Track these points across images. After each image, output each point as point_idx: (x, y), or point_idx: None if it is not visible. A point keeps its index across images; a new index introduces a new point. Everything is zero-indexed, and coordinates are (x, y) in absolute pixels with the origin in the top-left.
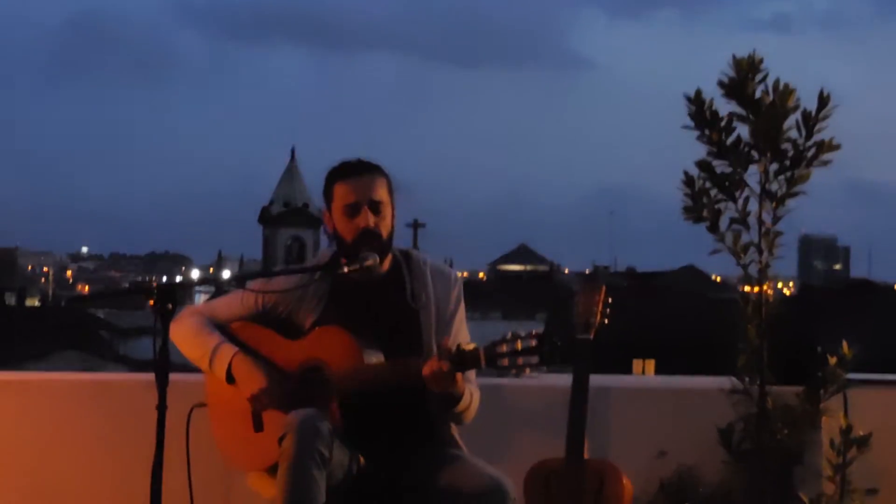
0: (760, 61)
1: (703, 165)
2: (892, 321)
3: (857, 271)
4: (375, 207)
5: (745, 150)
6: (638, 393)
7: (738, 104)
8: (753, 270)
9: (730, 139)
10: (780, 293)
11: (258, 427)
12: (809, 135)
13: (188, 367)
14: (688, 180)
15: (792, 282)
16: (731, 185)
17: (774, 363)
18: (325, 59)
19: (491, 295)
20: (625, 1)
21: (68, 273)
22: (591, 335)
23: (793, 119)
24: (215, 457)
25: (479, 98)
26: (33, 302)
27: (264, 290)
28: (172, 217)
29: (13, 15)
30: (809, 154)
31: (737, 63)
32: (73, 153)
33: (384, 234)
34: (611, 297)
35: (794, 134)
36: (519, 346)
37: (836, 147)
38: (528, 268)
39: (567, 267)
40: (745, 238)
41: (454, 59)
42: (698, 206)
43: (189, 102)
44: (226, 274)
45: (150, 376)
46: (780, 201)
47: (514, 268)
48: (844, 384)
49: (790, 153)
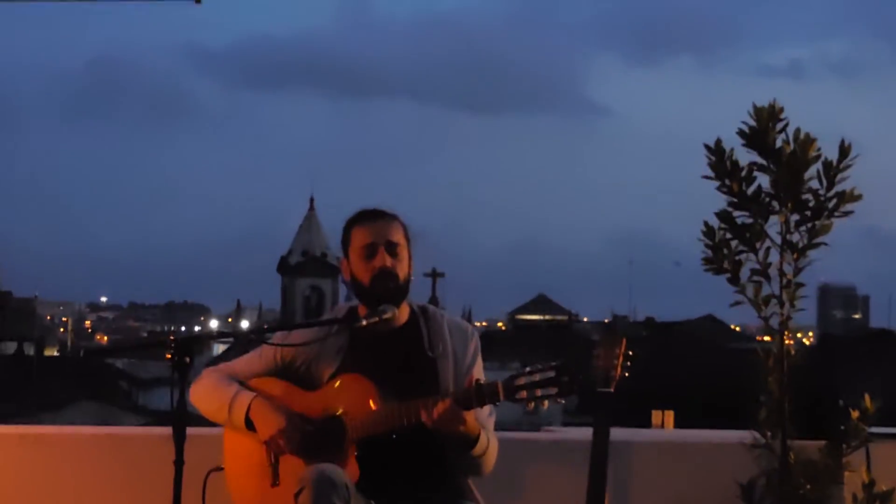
0: (781, 110)
1: (723, 216)
2: None
3: (877, 321)
4: (392, 249)
5: (766, 200)
6: (659, 447)
7: (758, 154)
8: (774, 322)
9: (750, 189)
10: (801, 344)
11: (275, 482)
12: (831, 185)
13: (206, 420)
14: (708, 231)
15: (811, 331)
16: (751, 236)
17: (796, 416)
18: (342, 105)
19: (510, 344)
20: (641, 48)
21: (87, 323)
22: (612, 388)
23: (814, 169)
24: None
25: (496, 145)
26: (52, 352)
27: (283, 344)
28: (190, 265)
29: (31, 61)
30: (831, 205)
31: (757, 112)
32: (91, 200)
33: (401, 276)
34: (632, 350)
35: (815, 184)
36: (537, 378)
37: (858, 197)
38: (547, 317)
39: (586, 316)
40: (765, 289)
41: (471, 106)
42: (719, 258)
43: (206, 150)
44: (244, 324)
45: (168, 430)
46: (801, 252)
47: (532, 317)
48: (867, 438)
49: (811, 203)
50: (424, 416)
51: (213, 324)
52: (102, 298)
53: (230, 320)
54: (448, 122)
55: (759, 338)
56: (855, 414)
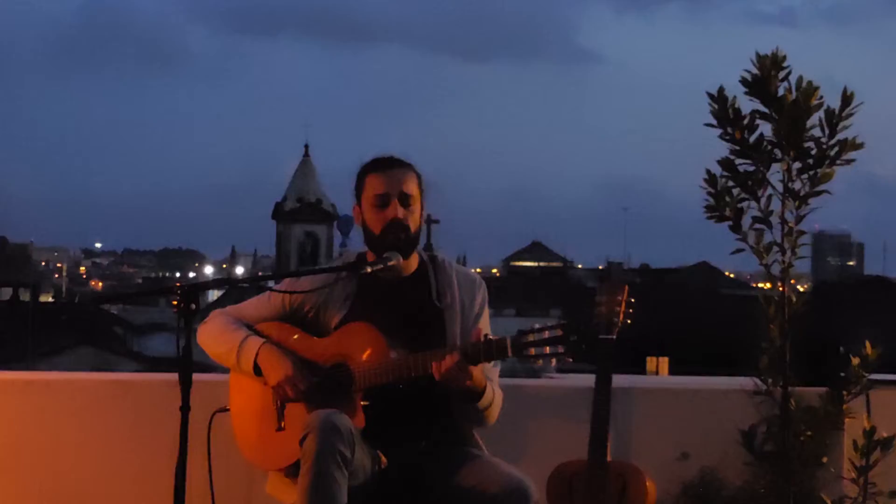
0: (783, 58)
1: (725, 164)
2: None
3: (872, 268)
4: (405, 200)
5: (768, 148)
6: (660, 393)
7: (760, 102)
8: (775, 270)
9: (752, 137)
10: (795, 290)
11: (280, 426)
12: (833, 133)
13: (210, 367)
14: (710, 179)
15: (806, 279)
16: (753, 184)
17: (796, 363)
18: (335, 52)
19: (505, 291)
20: None
21: (82, 269)
22: (614, 335)
23: (816, 117)
24: (236, 461)
25: (488, 92)
26: (47, 298)
27: (291, 290)
28: (185, 211)
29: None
30: (833, 153)
31: (760, 60)
32: (84, 147)
33: (412, 227)
34: (633, 298)
35: (817, 132)
36: (546, 335)
37: (860, 146)
38: (542, 264)
39: (580, 263)
40: (767, 237)
41: (463, 54)
42: (721, 205)
43: (200, 96)
44: (239, 270)
45: (173, 376)
46: (802, 200)
47: (527, 264)
48: (867, 385)
49: (813, 151)
50: (434, 369)
51: (208, 270)
52: (97, 244)
53: (225, 266)
54: (440, 69)
55: (755, 284)
56: (855, 360)
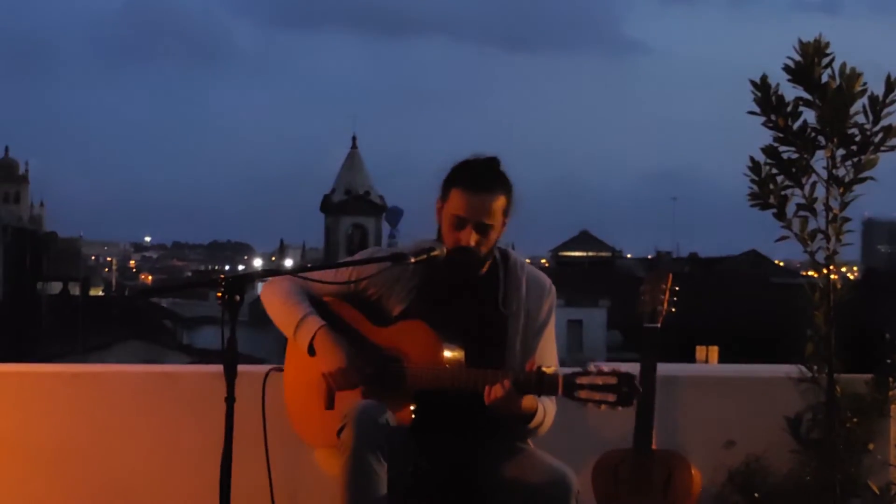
0: (826, 45)
1: (769, 151)
2: None
3: None
4: (483, 229)
5: (812, 135)
6: (705, 382)
7: (804, 89)
8: (820, 257)
9: (796, 124)
10: (846, 279)
11: (330, 404)
12: (877, 119)
13: (256, 358)
14: (754, 167)
15: (856, 266)
16: (797, 172)
17: (842, 351)
18: (379, 44)
19: (553, 281)
20: None
21: (132, 263)
22: (659, 324)
23: (859, 104)
24: (285, 430)
25: (535, 83)
26: (97, 292)
27: (359, 269)
28: (234, 205)
29: (67, 6)
30: (877, 139)
31: (803, 47)
32: (132, 142)
33: (483, 250)
34: (678, 286)
35: (860, 119)
36: (599, 381)
37: None
38: (591, 254)
39: (629, 252)
40: (811, 224)
41: (509, 45)
42: (765, 193)
43: (245, 90)
44: (288, 262)
45: (218, 368)
46: (847, 187)
47: (576, 254)
48: None
49: (857, 138)
50: (485, 393)
51: (257, 262)
52: (146, 238)
53: (273, 259)
54: (485, 60)
55: (804, 273)
56: None
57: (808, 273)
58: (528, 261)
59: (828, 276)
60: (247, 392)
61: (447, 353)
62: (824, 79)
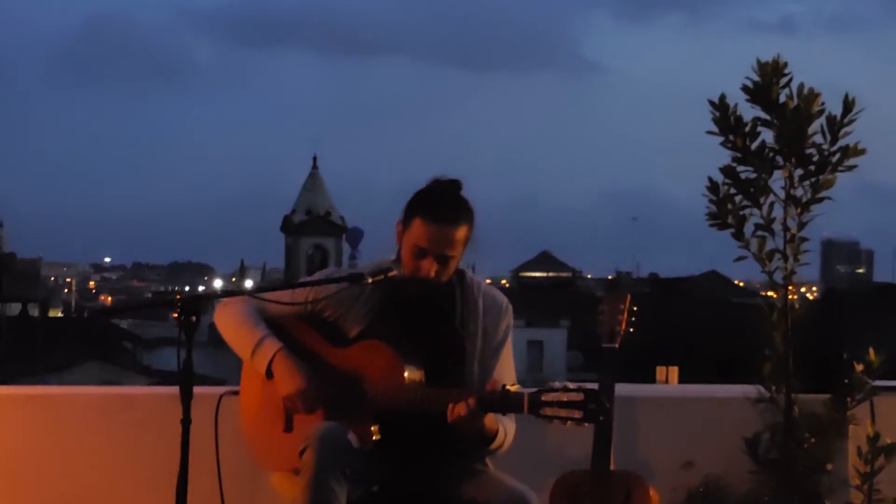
0: (784, 65)
1: (727, 171)
2: None
3: (881, 275)
4: (443, 260)
5: (770, 155)
6: (663, 402)
7: (762, 109)
8: (778, 277)
9: (754, 144)
10: (804, 298)
11: (288, 427)
12: (835, 140)
13: (212, 379)
14: (712, 186)
15: (815, 286)
16: (755, 192)
17: (800, 370)
18: (339, 64)
19: (514, 302)
20: (631, 5)
21: (91, 284)
22: (617, 344)
23: (817, 124)
24: (241, 454)
25: (492, 102)
26: (56, 313)
27: (316, 290)
28: (194, 225)
29: (25, 21)
30: (834, 159)
31: (761, 67)
32: (92, 161)
33: (442, 278)
34: (636, 306)
35: (818, 139)
36: (564, 398)
37: (862, 152)
38: (551, 274)
39: (590, 273)
40: (769, 245)
41: (466, 65)
42: (723, 213)
43: (205, 108)
44: (248, 283)
45: (175, 389)
46: (805, 207)
47: (536, 274)
48: (871, 391)
49: (815, 158)
50: (448, 410)
51: (217, 283)
52: (106, 259)
53: (234, 280)
54: (444, 81)
55: (763, 293)
56: (859, 367)
57: (767, 293)
58: (489, 280)
59: (785, 296)
60: (203, 414)
61: (407, 374)
62: (782, 99)
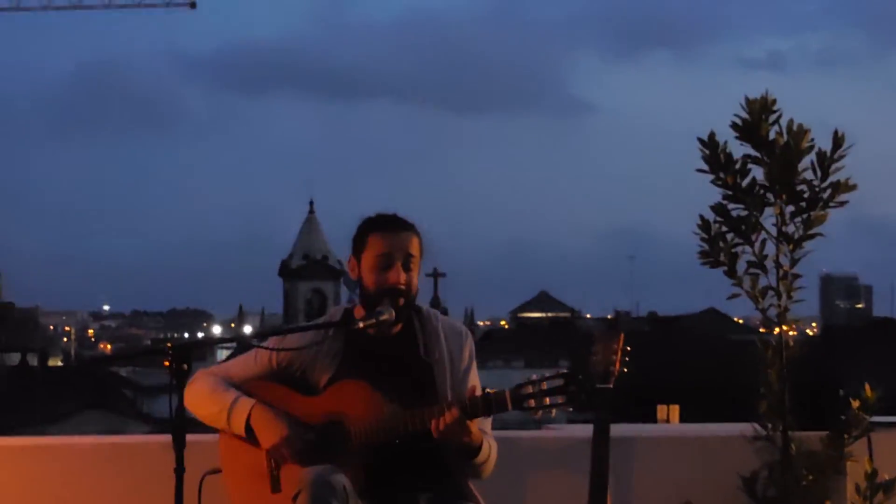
0: (773, 102)
1: (718, 209)
2: None
3: (880, 309)
4: (408, 263)
5: (761, 192)
6: (660, 442)
7: (752, 146)
8: (773, 314)
9: (745, 182)
10: (802, 335)
11: (276, 488)
12: (825, 176)
13: (206, 427)
14: (703, 224)
15: (815, 322)
16: (747, 229)
17: (797, 407)
18: (329, 107)
19: (513, 343)
20: (617, 45)
21: (90, 332)
22: (611, 384)
23: (807, 160)
24: None
25: (485, 144)
26: (56, 362)
27: (278, 348)
28: (192, 271)
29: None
30: (825, 195)
31: (749, 104)
32: (88, 209)
33: (412, 290)
34: (629, 346)
35: (809, 175)
36: (545, 386)
37: (853, 187)
38: (550, 315)
39: (588, 313)
40: (762, 282)
41: (456, 108)
42: (715, 251)
43: (199, 154)
44: (247, 329)
45: (168, 437)
46: (797, 244)
47: (535, 315)
48: (868, 428)
49: (806, 194)
50: (433, 426)
51: (216, 329)
52: (105, 307)
53: (233, 325)
54: (436, 123)
55: (762, 330)
56: (856, 403)
57: (764, 330)
58: (489, 322)
59: (780, 332)
60: (197, 461)
61: (385, 404)
62: (772, 135)
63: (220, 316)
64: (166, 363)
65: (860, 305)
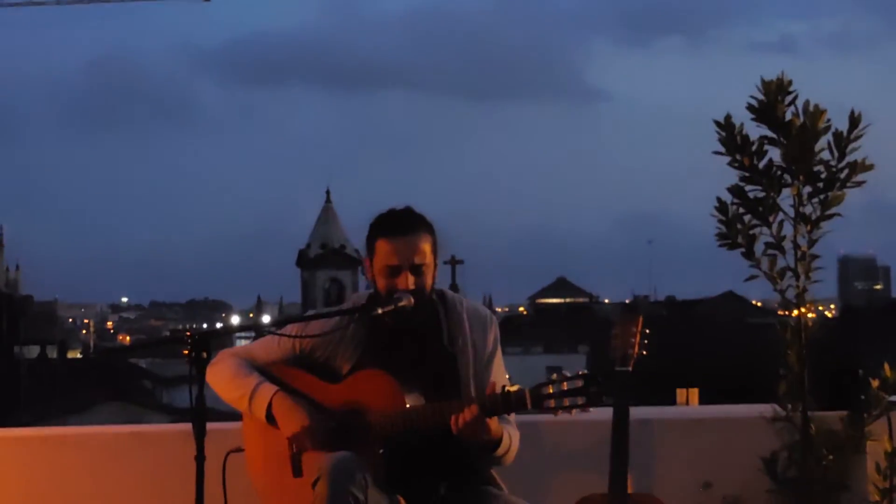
0: (789, 83)
1: (735, 191)
2: None
3: None
4: (417, 270)
5: (778, 173)
6: (680, 424)
7: (768, 127)
8: (791, 295)
9: (761, 163)
10: (821, 316)
11: (297, 472)
12: (842, 156)
13: (225, 415)
14: (721, 207)
15: (833, 304)
16: (764, 210)
17: (816, 388)
18: (344, 98)
19: (532, 329)
20: (629, 31)
21: (109, 324)
22: (630, 367)
23: (824, 140)
24: (254, 502)
25: (501, 132)
26: (75, 354)
27: (301, 336)
28: (210, 262)
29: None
30: (843, 175)
31: (765, 86)
32: (106, 203)
33: (425, 288)
34: (648, 329)
35: (826, 155)
36: (565, 386)
37: (870, 167)
38: (568, 300)
39: (607, 297)
40: (780, 263)
41: (472, 96)
42: (732, 233)
43: (215, 147)
44: (265, 319)
45: (188, 426)
46: (814, 224)
47: (553, 301)
48: (888, 407)
49: (823, 175)
50: (452, 422)
51: (235, 320)
52: (123, 299)
53: (251, 316)
54: (451, 111)
55: (780, 312)
56: (875, 383)
57: (783, 312)
58: (507, 308)
59: (798, 313)
60: (217, 449)
61: (406, 396)
62: (788, 116)
63: (239, 306)
64: (186, 352)
65: (878, 286)
